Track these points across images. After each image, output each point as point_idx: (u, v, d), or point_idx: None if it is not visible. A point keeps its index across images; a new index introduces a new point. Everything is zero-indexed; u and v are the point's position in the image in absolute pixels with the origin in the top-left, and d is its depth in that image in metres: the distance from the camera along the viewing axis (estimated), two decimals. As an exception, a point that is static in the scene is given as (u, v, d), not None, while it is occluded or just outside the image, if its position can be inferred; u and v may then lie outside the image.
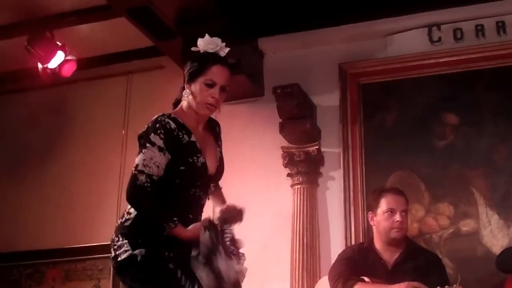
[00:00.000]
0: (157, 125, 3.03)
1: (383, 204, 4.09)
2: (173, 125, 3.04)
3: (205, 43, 3.22)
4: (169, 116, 3.09)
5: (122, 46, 5.81)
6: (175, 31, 5.15)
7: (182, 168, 3.02)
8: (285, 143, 5.11)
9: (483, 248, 4.61)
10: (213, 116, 3.33)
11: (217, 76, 3.13)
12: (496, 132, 4.79)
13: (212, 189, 3.24)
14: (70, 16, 5.47)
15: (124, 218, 3.01)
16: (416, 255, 4.05)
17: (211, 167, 3.16)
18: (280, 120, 5.09)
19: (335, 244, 4.82)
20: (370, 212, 4.19)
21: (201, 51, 3.20)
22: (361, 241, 4.63)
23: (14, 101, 6.23)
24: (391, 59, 5.12)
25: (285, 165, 5.07)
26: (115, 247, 2.99)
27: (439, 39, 5.07)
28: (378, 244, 4.11)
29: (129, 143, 5.55)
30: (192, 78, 3.17)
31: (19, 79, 6.08)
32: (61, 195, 5.78)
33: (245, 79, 5.18)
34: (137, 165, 2.95)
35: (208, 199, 3.22)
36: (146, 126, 3.07)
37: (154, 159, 2.95)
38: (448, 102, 4.95)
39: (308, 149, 5.04)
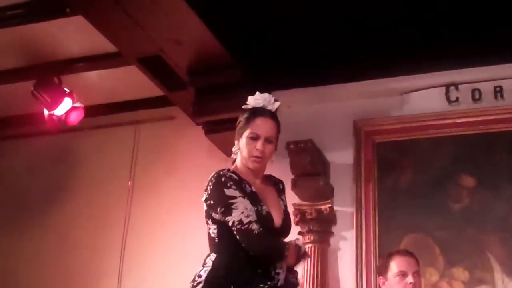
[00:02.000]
0: (223, 179, 3.07)
1: (394, 267, 4.02)
2: (235, 177, 3.09)
3: (253, 99, 3.33)
4: (228, 170, 3.14)
5: (131, 95, 5.83)
6: (187, 82, 5.15)
7: None
8: (297, 200, 5.07)
9: (499, 317, 4.56)
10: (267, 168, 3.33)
11: (260, 128, 3.22)
12: (512, 196, 4.78)
13: None
14: (79, 62, 5.50)
15: (195, 282, 3.00)
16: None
17: (277, 219, 3.13)
18: (293, 176, 5.05)
19: (345, 306, 4.77)
20: (380, 277, 4.13)
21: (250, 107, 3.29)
22: (373, 304, 4.58)
23: (16, 147, 6.22)
24: (407, 117, 5.13)
25: (296, 223, 5.00)
26: None
27: (457, 99, 5.08)
28: (392, 308, 4.06)
29: (135, 195, 5.55)
30: (239, 134, 3.27)
31: (23, 125, 6.09)
32: (61, 247, 5.72)
33: (258, 134, 5.15)
34: (240, 221, 2.96)
35: None
36: (208, 189, 3.10)
37: (248, 207, 2.99)
38: (465, 164, 4.94)
39: (320, 207, 5.02)
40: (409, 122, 5.11)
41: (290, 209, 4.91)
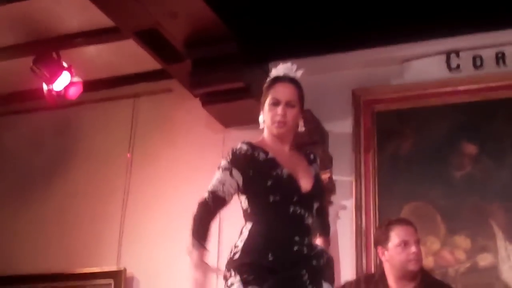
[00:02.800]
0: (228, 153, 3.13)
1: (394, 237, 3.86)
2: (244, 147, 3.11)
3: (276, 69, 3.34)
4: (242, 142, 3.17)
5: (129, 69, 5.69)
6: (184, 54, 5.02)
7: (269, 183, 3.00)
8: (297, 170, 4.94)
9: (501, 284, 4.39)
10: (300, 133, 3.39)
11: (280, 93, 3.22)
12: (516, 163, 4.61)
13: (315, 209, 3.15)
14: (77, 37, 5.38)
15: (232, 252, 2.98)
16: (431, 288, 3.83)
17: (305, 183, 3.10)
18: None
19: (345, 276, 4.51)
20: (379, 247, 3.97)
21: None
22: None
23: (18, 122, 6.09)
24: (407, 86, 4.96)
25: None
26: (228, 283, 2.95)
27: (458, 67, 4.91)
28: (390, 278, 3.88)
29: (134, 167, 5.45)
30: (262, 103, 3.28)
31: (23, 100, 5.97)
32: (63, 219, 5.62)
33: (255, 104, 4.98)
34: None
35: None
36: None
37: (217, 177, 3.02)
38: (467, 132, 4.77)
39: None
40: (409, 90, 4.95)
41: None
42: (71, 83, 5.43)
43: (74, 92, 5.45)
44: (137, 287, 5.23)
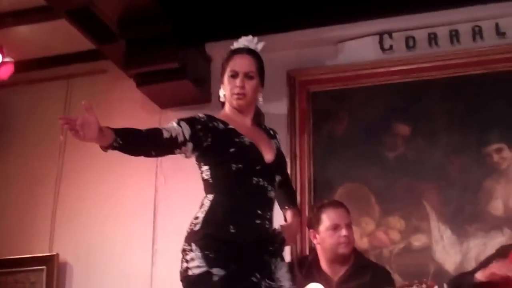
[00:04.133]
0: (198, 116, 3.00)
1: (326, 220, 3.76)
2: (201, 115, 3.01)
3: (237, 43, 3.25)
4: (205, 115, 3.04)
5: (63, 49, 5.38)
6: (118, 34, 4.77)
7: (231, 150, 2.92)
8: (232, 151, 4.77)
9: (435, 264, 4.31)
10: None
11: (238, 65, 3.11)
12: (449, 144, 4.49)
13: (277, 182, 3.05)
14: (7, 16, 5.06)
15: (192, 224, 2.88)
16: (363, 271, 3.73)
17: (267, 154, 3.02)
18: (226, 128, 4.76)
19: (281, 258, 4.46)
20: (311, 230, 3.85)
21: None
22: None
23: None
24: (341, 67, 4.81)
25: (233, 174, 4.73)
26: (187, 257, 2.82)
27: (391, 47, 4.76)
28: (323, 261, 3.79)
29: (67, 150, 5.17)
30: (222, 77, 3.17)
31: (-49, 81, 5.63)
32: (-8, 203, 5.33)
33: (191, 85, 4.83)
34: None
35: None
36: None
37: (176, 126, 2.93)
38: (400, 112, 4.65)
39: (254, 158, 4.70)
40: (343, 71, 4.79)
41: None
42: (2, 63, 5.10)
43: (5, 73, 5.13)
44: (70, 272, 4.98)
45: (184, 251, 2.85)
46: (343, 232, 3.71)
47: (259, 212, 2.88)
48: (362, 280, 3.67)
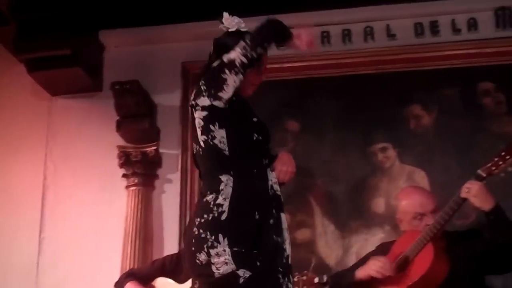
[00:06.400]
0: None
1: None
2: None
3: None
4: None
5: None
6: (9, 17, 4.55)
7: (255, 119, 2.76)
8: (122, 142, 4.62)
9: (317, 258, 4.30)
10: None
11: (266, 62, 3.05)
12: (336, 141, 4.49)
13: None
14: None
15: (214, 211, 2.53)
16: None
17: None
18: (118, 118, 4.60)
19: (168, 249, 4.36)
20: None
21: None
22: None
23: None
24: (235, 61, 4.73)
25: (121, 165, 4.58)
26: (212, 251, 2.49)
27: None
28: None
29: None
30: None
31: None
32: None
33: (82, 72, 4.64)
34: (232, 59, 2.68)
35: None
36: (201, 87, 2.77)
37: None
38: (290, 109, 4.61)
39: (145, 149, 4.57)
40: (237, 65, 4.72)
41: (114, 151, 4.61)
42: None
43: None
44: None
45: (204, 240, 2.51)
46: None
47: (272, 181, 2.67)
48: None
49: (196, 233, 2.54)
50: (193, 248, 2.55)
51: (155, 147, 4.58)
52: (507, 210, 3.47)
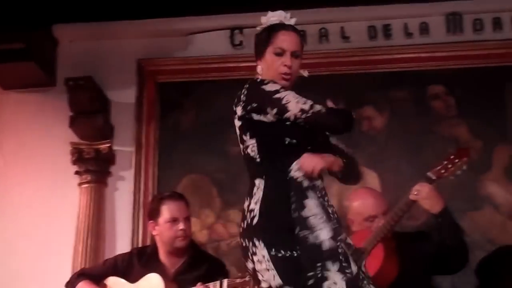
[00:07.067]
0: (259, 79, 2.78)
1: (165, 213, 3.65)
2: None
3: (268, 17, 2.92)
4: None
5: None
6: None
7: (287, 122, 2.63)
8: (75, 138, 4.56)
9: (270, 257, 4.31)
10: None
11: (285, 42, 2.79)
12: (289, 142, 4.52)
13: None
14: None
15: (248, 219, 2.60)
16: (199, 263, 3.67)
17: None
18: (71, 114, 4.54)
19: (121, 247, 4.30)
20: (151, 221, 3.74)
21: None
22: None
23: None
24: (190, 59, 4.69)
25: (74, 162, 4.52)
26: (256, 258, 2.53)
27: (241, 43, 4.69)
28: (161, 252, 3.70)
29: None
30: (260, 52, 2.86)
31: None
32: None
33: (35, 67, 4.55)
34: (302, 110, 2.60)
35: None
36: (242, 97, 2.81)
37: (296, 94, 2.67)
38: (247, 107, 4.62)
39: (98, 146, 4.52)
40: (192, 63, 4.68)
41: (67, 148, 4.55)
42: None
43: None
44: None
45: (246, 249, 2.58)
46: (181, 225, 3.63)
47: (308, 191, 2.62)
48: (198, 272, 3.61)
49: (240, 242, 2.64)
50: (243, 258, 2.62)
51: (108, 144, 4.54)
52: (456, 212, 3.57)
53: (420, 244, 3.53)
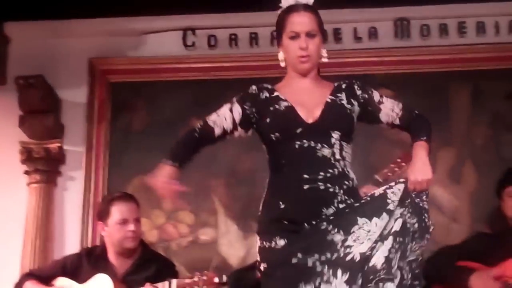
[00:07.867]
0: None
1: (115, 214, 3.62)
2: (253, 87, 2.80)
3: (285, 1, 2.76)
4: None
5: None
6: None
7: (268, 120, 2.65)
8: (24, 138, 4.52)
9: (219, 258, 4.35)
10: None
11: (297, 25, 2.68)
12: (242, 143, 4.44)
13: (336, 140, 2.63)
14: None
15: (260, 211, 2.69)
16: (149, 264, 3.65)
17: (310, 113, 2.64)
18: (21, 113, 4.50)
19: (70, 248, 4.28)
20: (100, 222, 3.72)
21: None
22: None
23: None
24: (143, 59, 4.70)
25: (23, 162, 4.48)
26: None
27: (193, 44, 4.71)
28: (110, 253, 3.66)
29: None
30: (278, 39, 2.77)
31: None
32: None
33: (-13, 63, 4.52)
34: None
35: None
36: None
37: (215, 117, 2.88)
38: (197, 108, 4.53)
39: (48, 145, 4.48)
40: (145, 64, 4.69)
41: (16, 147, 4.48)
42: None
43: None
44: None
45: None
46: (131, 227, 3.60)
47: (305, 176, 2.54)
48: (147, 272, 3.59)
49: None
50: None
51: (58, 144, 4.50)
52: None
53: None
